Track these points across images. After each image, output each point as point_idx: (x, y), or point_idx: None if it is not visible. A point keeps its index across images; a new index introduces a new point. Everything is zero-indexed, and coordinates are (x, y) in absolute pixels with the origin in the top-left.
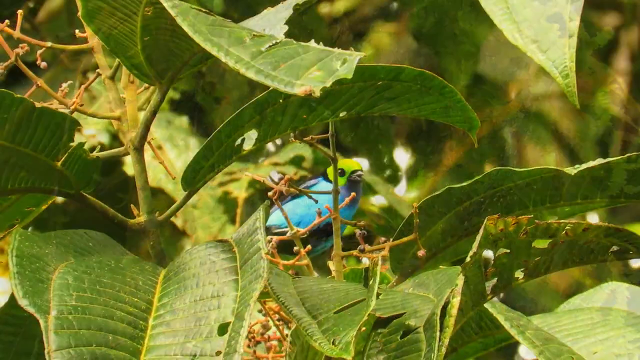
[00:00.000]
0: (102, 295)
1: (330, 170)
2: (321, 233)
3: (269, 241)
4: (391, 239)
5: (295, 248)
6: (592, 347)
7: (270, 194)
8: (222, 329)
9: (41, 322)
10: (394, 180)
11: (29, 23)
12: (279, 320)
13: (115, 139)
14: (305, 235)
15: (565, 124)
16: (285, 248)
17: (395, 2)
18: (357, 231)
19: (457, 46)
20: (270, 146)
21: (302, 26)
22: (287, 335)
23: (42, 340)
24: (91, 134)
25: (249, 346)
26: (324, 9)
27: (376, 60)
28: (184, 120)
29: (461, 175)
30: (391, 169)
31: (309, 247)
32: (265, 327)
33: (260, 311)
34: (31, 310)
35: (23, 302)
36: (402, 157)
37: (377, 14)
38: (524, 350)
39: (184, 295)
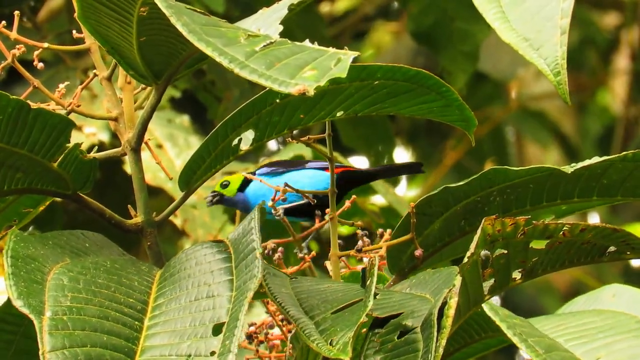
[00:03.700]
0: (97, 296)
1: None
2: (299, 213)
3: (275, 249)
4: (389, 238)
5: (300, 255)
6: (595, 353)
7: (270, 204)
8: (217, 329)
9: (35, 323)
10: (394, 180)
11: (31, 21)
12: (282, 320)
13: (116, 137)
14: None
15: (565, 123)
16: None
17: (396, 2)
18: (359, 232)
19: (457, 45)
20: (272, 145)
21: (302, 25)
22: (290, 333)
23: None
24: (92, 132)
25: (250, 342)
26: (325, 8)
27: (376, 60)
28: (184, 119)
29: (461, 175)
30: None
31: (313, 253)
32: (270, 327)
33: (266, 312)
34: (25, 311)
35: (17, 303)
36: (402, 156)
37: (377, 14)
38: None
39: (180, 296)
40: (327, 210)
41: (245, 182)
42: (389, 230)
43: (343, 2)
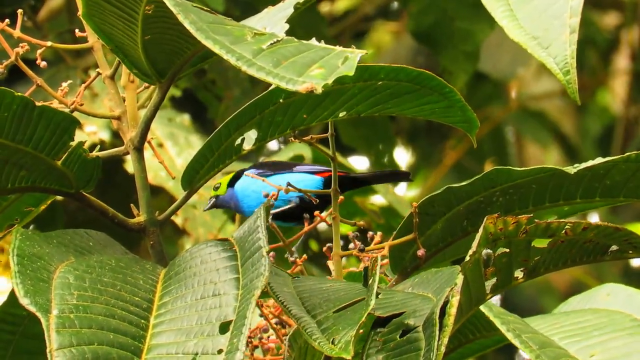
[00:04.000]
0: (103, 295)
1: None
2: (288, 218)
3: (268, 252)
4: (379, 241)
5: (290, 258)
6: (589, 350)
7: (270, 198)
8: (224, 327)
9: (43, 321)
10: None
11: (31, 20)
12: (277, 323)
13: (117, 137)
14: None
15: (565, 123)
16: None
17: (396, 2)
18: (350, 234)
19: (458, 45)
20: (272, 145)
21: (303, 25)
22: (284, 337)
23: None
24: (93, 130)
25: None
26: (325, 7)
27: (376, 60)
28: (185, 118)
29: (462, 175)
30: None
31: (305, 256)
32: (265, 331)
33: (260, 315)
34: (32, 309)
35: (24, 301)
36: (403, 156)
37: (377, 13)
38: None
39: (185, 294)
40: (316, 213)
41: (234, 178)
42: (379, 233)
43: (343, 1)
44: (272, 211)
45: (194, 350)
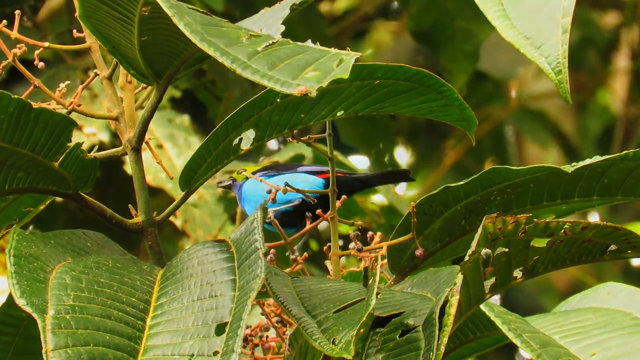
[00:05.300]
0: (99, 295)
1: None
2: (288, 222)
3: (267, 252)
4: (379, 241)
5: (291, 256)
6: (590, 349)
7: (270, 196)
8: (220, 329)
9: (39, 321)
10: None
11: (31, 21)
12: (278, 322)
13: (116, 137)
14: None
15: (565, 122)
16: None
17: (396, 1)
18: (351, 233)
19: (458, 45)
20: (272, 144)
21: (304, 24)
22: (285, 336)
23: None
24: (92, 132)
25: (244, 347)
26: (325, 7)
27: (376, 59)
28: (185, 119)
29: (461, 174)
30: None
31: (305, 254)
32: (265, 329)
33: (262, 314)
34: (28, 309)
35: (21, 302)
36: (402, 155)
37: (377, 13)
38: None
39: (182, 296)
40: (319, 211)
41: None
42: (379, 234)
43: (343, 1)
44: (274, 208)
45: (190, 351)
